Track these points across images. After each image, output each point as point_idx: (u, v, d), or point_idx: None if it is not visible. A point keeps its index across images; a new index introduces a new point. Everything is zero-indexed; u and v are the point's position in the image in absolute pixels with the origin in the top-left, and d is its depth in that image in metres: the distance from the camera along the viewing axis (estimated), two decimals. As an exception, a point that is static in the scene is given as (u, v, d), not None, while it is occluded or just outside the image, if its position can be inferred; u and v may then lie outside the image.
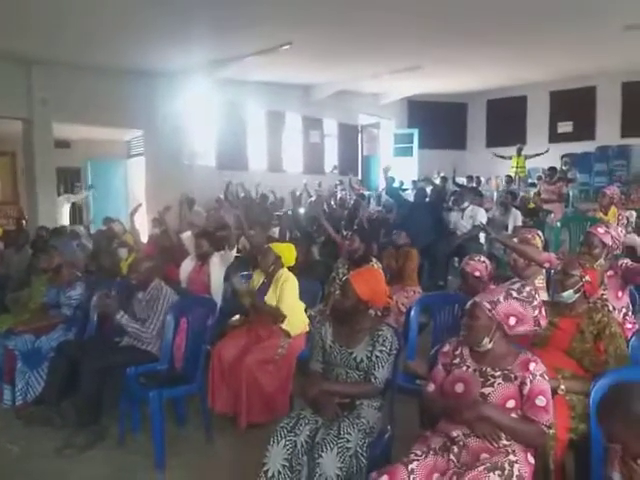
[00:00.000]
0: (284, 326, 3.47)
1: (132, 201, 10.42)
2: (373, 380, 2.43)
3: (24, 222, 8.60)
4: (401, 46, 7.99)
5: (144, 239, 6.26)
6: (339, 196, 10.59)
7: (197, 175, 9.70)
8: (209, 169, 10.41)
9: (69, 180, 10.92)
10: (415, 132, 13.63)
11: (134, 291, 3.64)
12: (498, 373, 2.05)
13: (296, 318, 3.57)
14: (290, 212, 8.59)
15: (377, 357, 2.44)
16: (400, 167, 12.13)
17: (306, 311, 3.77)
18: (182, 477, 2.85)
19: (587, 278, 2.58)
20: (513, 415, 1.99)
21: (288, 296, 3.52)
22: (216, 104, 10.19)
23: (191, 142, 9.90)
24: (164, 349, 3.30)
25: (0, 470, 2.96)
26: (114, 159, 11.04)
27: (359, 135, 13.90)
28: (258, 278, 3.77)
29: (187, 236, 4.97)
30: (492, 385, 2.03)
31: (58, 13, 5.45)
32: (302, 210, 8.83)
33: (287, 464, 2.20)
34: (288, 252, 3.74)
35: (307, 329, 3.64)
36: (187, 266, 4.41)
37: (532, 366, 2.01)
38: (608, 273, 3.15)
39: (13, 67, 7.54)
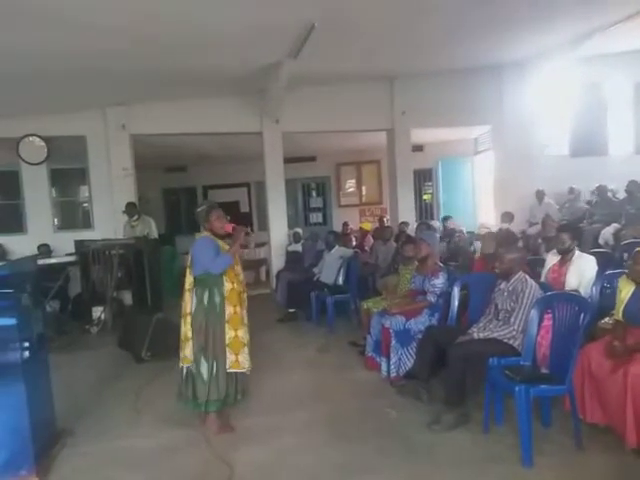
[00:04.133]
0: None
1: (479, 195, 10.64)
2: None
3: (385, 220, 9.89)
4: None
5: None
6: None
7: (547, 165, 9.10)
8: (561, 158, 9.62)
9: (422, 180, 12.00)
10: None
11: (495, 281, 3.68)
12: None
13: None
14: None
15: None
16: None
17: None
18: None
19: None
20: None
21: None
22: (570, 86, 9.30)
23: (541, 131, 9.35)
24: (527, 345, 3.21)
25: (378, 429, 3.46)
26: (461, 156, 11.48)
27: None
28: (625, 285, 3.19)
29: (535, 230, 4.71)
30: None
31: (412, 27, 5.97)
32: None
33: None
34: None
35: None
36: (550, 261, 4.17)
37: None
38: None
39: (379, 85, 8.71)
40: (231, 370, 3.40)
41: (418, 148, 11.00)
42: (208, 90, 7.71)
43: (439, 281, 4.32)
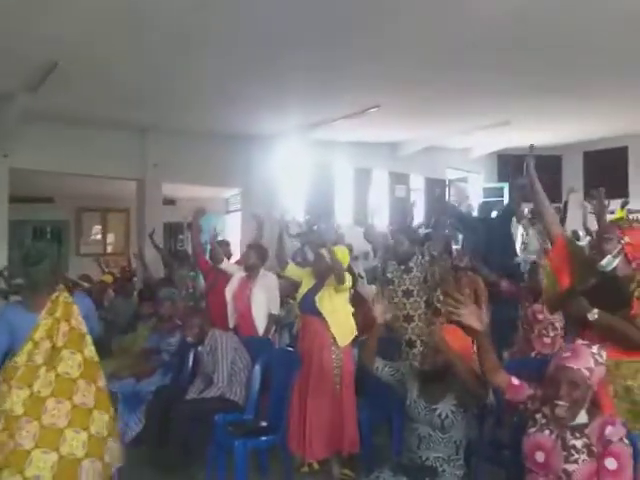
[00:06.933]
0: None
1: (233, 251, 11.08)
2: None
3: (129, 271, 9.43)
4: (489, 103, 8.04)
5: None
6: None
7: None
8: (298, 224, 10.84)
9: (174, 233, 11.92)
10: (505, 186, 13.33)
11: (192, 347, 3.88)
12: (580, 443, 1.91)
13: None
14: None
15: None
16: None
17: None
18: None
19: (626, 239, 2.37)
20: None
21: None
22: (306, 164, 10.72)
23: (283, 199, 10.43)
24: (250, 399, 3.44)
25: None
26: (214, 214, 11.86)
27: (446, 189, 13.84)
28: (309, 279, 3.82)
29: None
30: (576, 462, 1.90)
31: (165, 85, 6.17)
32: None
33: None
34: None
35: None
36: (232, 285, 4.37)
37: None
38: None
39: (129, 134, 8.46)
40: None
41: (170, 202, 10.98)
42: None
43: (174, 339, 4.31)
